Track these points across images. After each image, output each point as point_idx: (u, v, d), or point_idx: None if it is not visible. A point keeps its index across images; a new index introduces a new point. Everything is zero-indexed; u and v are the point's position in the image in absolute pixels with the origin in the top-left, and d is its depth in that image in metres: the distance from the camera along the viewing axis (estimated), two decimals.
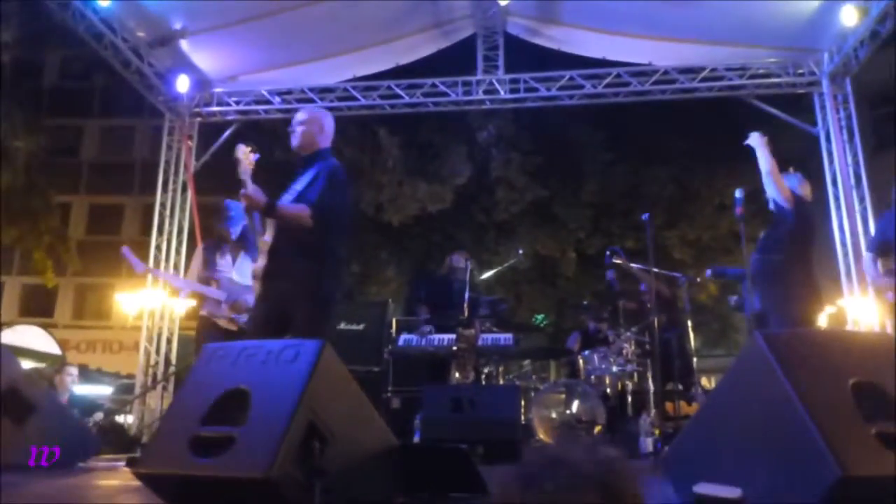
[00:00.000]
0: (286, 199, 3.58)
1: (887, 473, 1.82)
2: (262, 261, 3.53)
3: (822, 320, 11.30)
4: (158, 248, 9.20)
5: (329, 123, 3.91)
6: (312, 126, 3.81)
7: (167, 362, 9.00)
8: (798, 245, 4.69)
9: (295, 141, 3.79)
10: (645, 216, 5.74)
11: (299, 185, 3.64)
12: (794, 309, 4.49)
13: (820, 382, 1.97)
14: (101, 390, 15.03)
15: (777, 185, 4.69)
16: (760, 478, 2.01)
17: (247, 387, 2.27)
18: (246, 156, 3.58)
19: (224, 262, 5.21)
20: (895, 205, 4.85)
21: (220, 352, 2.49)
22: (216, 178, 10.78)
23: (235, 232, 5.26)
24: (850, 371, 2.01)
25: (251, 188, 3.41)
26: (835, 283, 8.58)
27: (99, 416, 7.61)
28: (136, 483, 2.30)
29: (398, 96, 9.32)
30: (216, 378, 2.37)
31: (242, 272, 5.18)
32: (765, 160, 4.80)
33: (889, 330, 7.67)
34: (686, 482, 2.39)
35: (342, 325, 6.89)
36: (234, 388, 2.29)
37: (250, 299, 5.08)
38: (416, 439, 5.42)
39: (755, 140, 4.80)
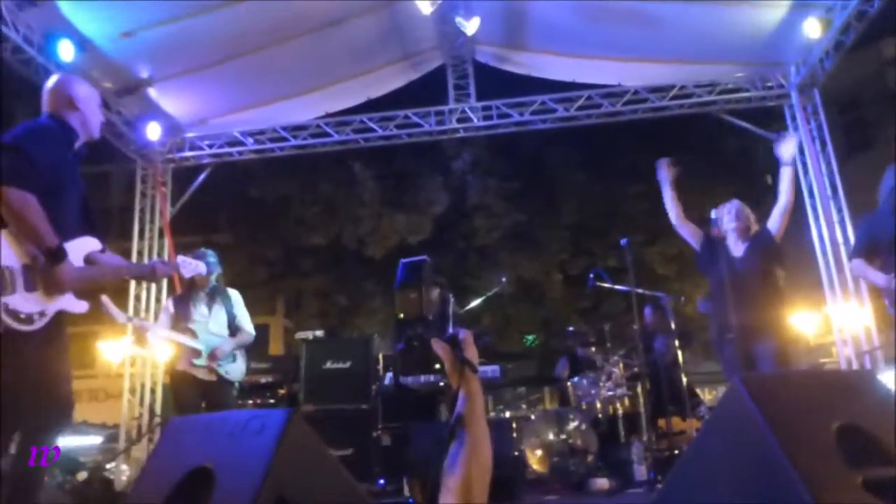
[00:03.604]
0: None
1: None
2: None
3: (809, 326, 11.25)
4: (138, 297, 9.05)
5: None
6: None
7: (151, 413, 8.82)
8: (772, 266, 4.62)
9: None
10: (623, 241, 5.69)
11: None
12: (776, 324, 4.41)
13: (802, 427, 1.89)
14: (90, 441, 14.73)
15: (783, 223, 4.55)
16: None
17: (211, 464, 2.17)
18: None
19: (199, 311, 5.06)
20: (882, 205, 4.72)
21: (185, 426, 2.40)
22: (193, 220, 10.68)
23: (209, 281, 5.11)
24: (833, 414, 1.93)
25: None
26: (817, 291, 8.57)
27: (83, 475, 7.40)
28: None
29: (371, 130, 9.29)
30: (180, 456, 2.27)
31: (219, 322, 5.09)
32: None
33: (874, 335, 7.65)
34: None
35: (328, 364, 6.77)
36: (198, 466, 2.19)
37: (227, 348, 5.02)
38: (406, 479, 5.36)
39: None
